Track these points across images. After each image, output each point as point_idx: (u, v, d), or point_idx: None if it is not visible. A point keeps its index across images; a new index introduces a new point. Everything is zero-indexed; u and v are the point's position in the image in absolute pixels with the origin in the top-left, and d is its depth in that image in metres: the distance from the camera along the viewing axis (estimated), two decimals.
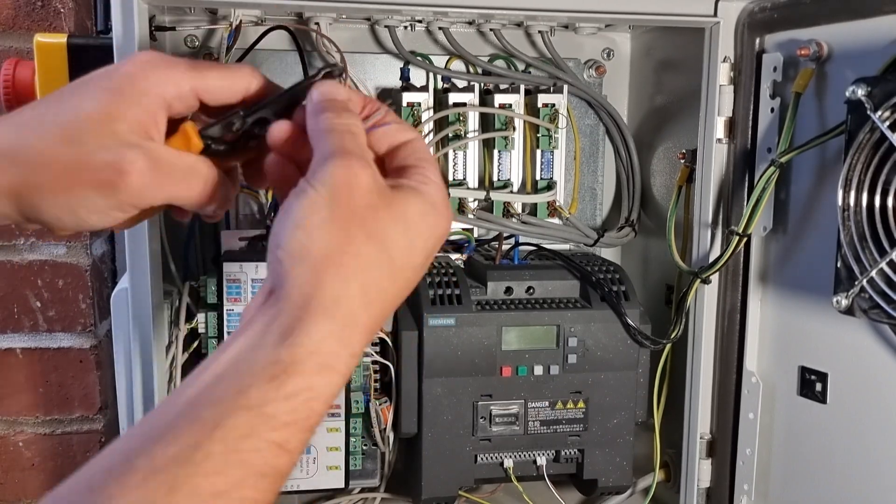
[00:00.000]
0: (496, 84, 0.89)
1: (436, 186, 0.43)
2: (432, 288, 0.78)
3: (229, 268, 0.72)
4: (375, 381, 0.80)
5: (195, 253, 0.85)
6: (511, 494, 0.86)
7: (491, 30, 0.85)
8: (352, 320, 0.38)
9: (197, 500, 0.33)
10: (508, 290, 0.80)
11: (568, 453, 0.81)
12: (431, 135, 0.85)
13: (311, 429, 0.37)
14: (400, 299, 0.42)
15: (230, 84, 0.46)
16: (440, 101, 0.86)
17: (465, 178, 0.87)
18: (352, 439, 0.76)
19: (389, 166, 0.45)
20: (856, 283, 0.58)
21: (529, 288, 0.81)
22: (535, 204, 0.88)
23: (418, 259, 0.42)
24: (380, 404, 0.79)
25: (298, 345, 0.37)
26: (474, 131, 0.87)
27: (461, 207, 0.86)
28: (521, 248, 0.87)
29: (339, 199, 0.39)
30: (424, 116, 0.84)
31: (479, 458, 0.79)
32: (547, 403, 0.79)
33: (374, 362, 0.79)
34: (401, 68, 0.88)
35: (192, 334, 0.77)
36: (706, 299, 0.77)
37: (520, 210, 0.87)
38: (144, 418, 0.37)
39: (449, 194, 0.84)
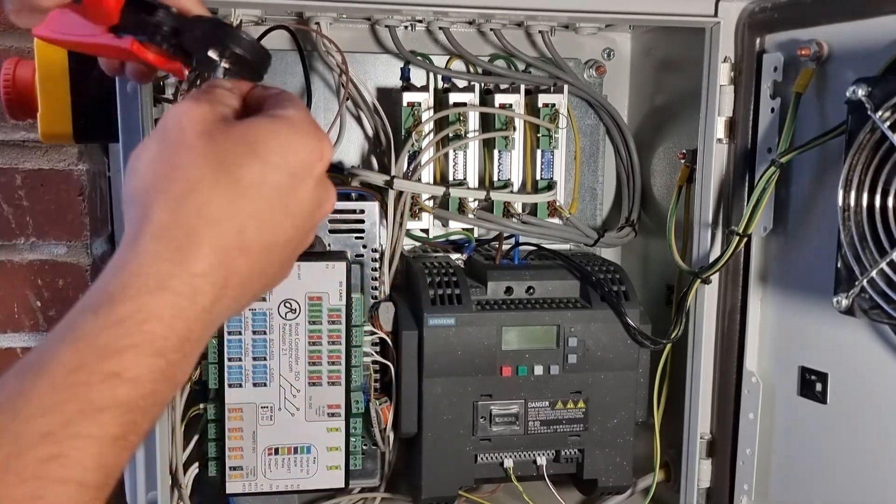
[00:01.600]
0: (496, 84, 0.89)
1: (295, 111, 0.41)
2: (432, 288, 0.78)
3: None
4: (375, 380, 0.80)
5: None
6: (511, 494, 0.86)
7: (491, 30, 0.85)
8: (188, 240, 0.36)
9: (23, 443, 0.31)
10: (508, 289, 0.80)
11: (568, 453, 0.81)
12: (431, 135, 0.85)
13: (158, 353, 0.35)
14: (271, 212, 0.39)
15: None
16: (440, 101, 0.86)
17: (465, 178, 0.87)
18: (352, 439, 0.76)
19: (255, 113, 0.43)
20: (856, 283, 0.58)
21: (529, 288, 0.81)
22: (536, 204, 0.88)
23: (277, 175, 0.39)
24: (380, 404, 0.79)
25: (123, 272, 0.36)
26: (474, 131, 0.87)
27: (461, 207, 0.86)
28: (522, 247, 0.87)
29: (167, 135, 0.39)
30: (425, 116, 0.84)
31: (479, 458, 0.79)
32: (547, 403, 0.79)
33: (374, 362, 0.79)
34: (401, 68, 0.88)
35: None
36: (706, 299, 0.77)
37: (520, 210, 0.87)
38: None
39: (449, 204, 0.84)
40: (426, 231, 0.88)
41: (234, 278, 0.38)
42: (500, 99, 0.86)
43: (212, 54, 0.44)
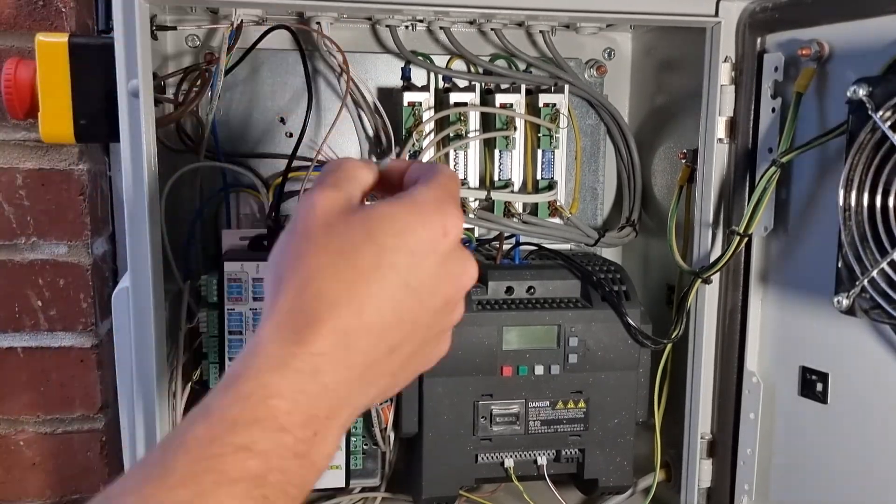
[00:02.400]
0: (497, 84, 0.89)
1: (423, 189, 0.42)
2: None
3: (230, 267, 0.72)
4: None
5: (196, 252, 0.85)
6: (511, 494, 0.86)
7: (492, 29, 0.85)
8: (307, 321, 0.38)
9: None
10: (509, 289, 0.80)
11: (568, 453, 0.81)
12: (432, 135, 0.85)
13: (282, 428, 0.36)
14: (392, 293, 0.40)
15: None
16: (441, 101, 0.86)
17: (465, 178, 0.87)
18: (352, 439, 0.76)
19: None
20: (857, 283, 0.58)
21: (530, 288, 0.81)
22: (536, 204, 0.88)
23: (394, 258, 0.40)
24: (380, 404, 0.79)
25: (250, 354, 0.38)
26: (475, 131, 0.87)
27: (462, 207, 0.86)
28: (522, 247, 0.87)
29: (295, 226, 0.41)
30: (425, 116, 0.84)
31: (479, 458, 0.80)
32: (547, 403, 0.79)
33: None
34: (402, 68, 0.88)
35: (193, 333, 0.77)
36: (707, 299, 0.77)
37: (521, 210, 0.87)
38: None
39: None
40: None
41: (358, 357, 0.39)
42: (500, 99, 0.86)
43: None
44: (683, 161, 0.81)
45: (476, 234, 0.89)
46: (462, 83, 0.88)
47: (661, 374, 0.82)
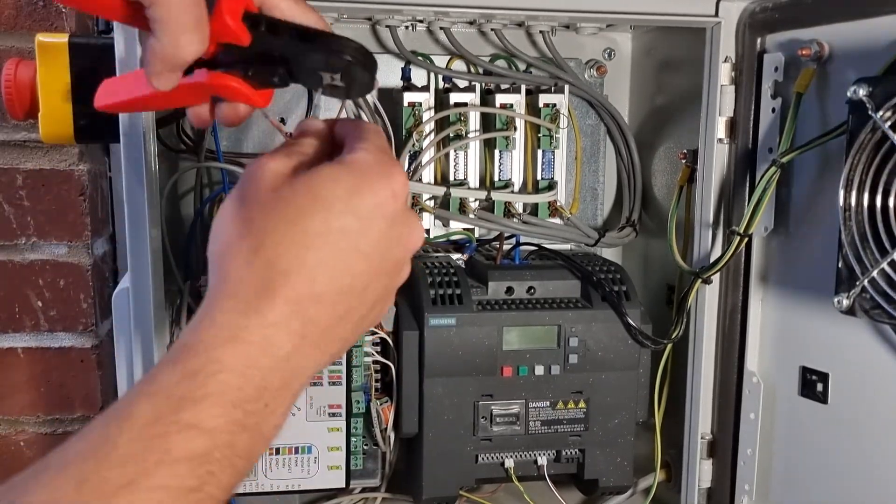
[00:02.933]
0: (497, 84, 0.89)
1: (363, 152, 0.41)
2: (433, 288, 0.78)
3: None
4: (376, 380, 0.80)
5: (196, 252, 0.85)
6: (512, 494, 0.86)
7: (492, 30, 0.85)
8: (259, 292, 0.37)
9: (105, 490, 0.32)
10: (509, 289, 0.80)
11: (569, 453, 0.81)
12: (432, 135, 0.85)
13: (232, 404, 0.35)
14: (342, 257, 0.39)
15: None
16: (441, 101, 0.86)
17: (466, 178, 0.87)
18: (353, 439, 0.76)
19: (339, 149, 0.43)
20: (857, 283, 0.58)
21: (530, 288, 0.81)
22: (537, 204, 0.88)
23: (342, 222, 0.39)
24: (381, 404, 0.79)
25: (199, 327, 0.37)
26: (475, 131, 0.87)
27: (462, 207, 0.86)
28: (522, 247, 0.87)
29: (243, 194, 0.40)
30: (425, 116, 0.84)
31: (479, 458, 0.79)
32: (548, 403, 0.79)
33: (375, 362, 0.79)
34: (402, 68, 0.88)
35: None
36: (707, 299, 0.77)
37: (521, 210, 0.87)
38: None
39: (449, 204, 0.84)
40: (427, 231, 0.88)
41: (312, 327, 0.38)
42: (500, 99, 0.86)
43: (324, 75, 0.42)
44: (683, 161, 0.80)
45: (476, 234, 0.89)
46: (462, 83, 0.88)
47: (661, 374, 0.82)
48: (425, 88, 0.86)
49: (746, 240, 0.71)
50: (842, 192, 0.59)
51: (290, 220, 0.38)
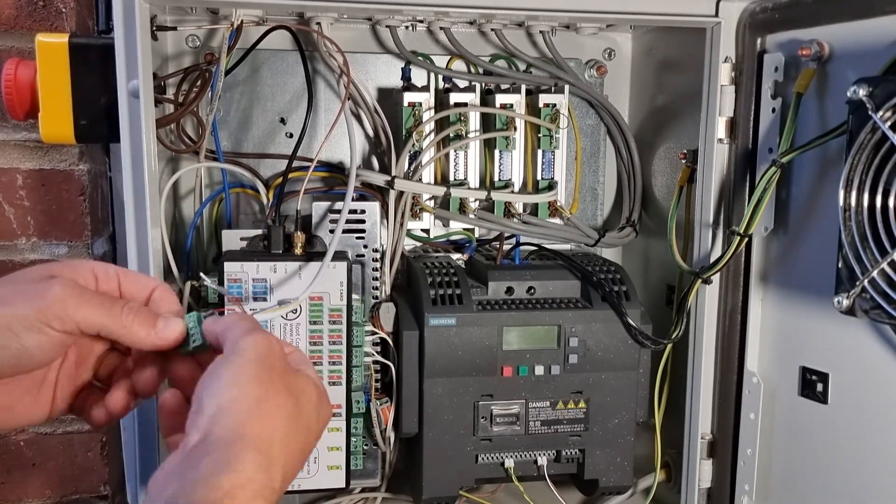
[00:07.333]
0: (497, 84, 0.89)
1: (309, 373, 0.50)
2: (433, 288, 0.78)
3: (230, 267, 0.72)
4: (376, 380, 0.80)
5: (196, 252, 0.85)
6: (512, 494, 0.86)
7: (492, 30, 0.85)
8: (275, 459, 0.43)
9: None
10: (509, 290, 0.80)
11: (569, 453, 0.81)
12: (432, 135, 0.85)
13: None
14: (305, 453, 0.47)
15: (142, 277, 0.54)
16: (441, 101, 0.86)
17: (466, 178, 0.87)
18: (353, 439, 0.76)
19: None
20: (857, 283, 0.58)
21: (530, 288, 0.81)
22: (537, 204, 0.88)
23: (314, 423, 0.48)
24: (381, 404, 0.79)
25: (236, 472, 0.40)
26: (475, 131, 0.87)
27: (462, 207, 0.86)
28: (522, 248, 0.87)
29: (263, 361, 0.46)
30: (425, 116, 0.84)
31: (479, 458, 0.80)
32: (548, 403, 0.79)
33: (375, 362, 0.79)
34: (402, 68, 0.88)
35: None
36: (707, 299, 0.77)
37: (521, 210, 0.87)
38: None
39: (449, 204, 0.84)
40: (427, 231, 0.88)
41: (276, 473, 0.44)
42: (500, 99, 0.86)
43: None
44: (683, 161, 0.81)
45: (476, 235, 0.89)
46: (462, 83, 0.88)
47: (661, 374, 0.82)
48: (425, 88, 0.86)
49: (746, 240, 0.71)
50: (842, 193, 0.59)
51: (296, 401, 0.46)
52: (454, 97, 0.85)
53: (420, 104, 0.84)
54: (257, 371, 0.45)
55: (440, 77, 0.88)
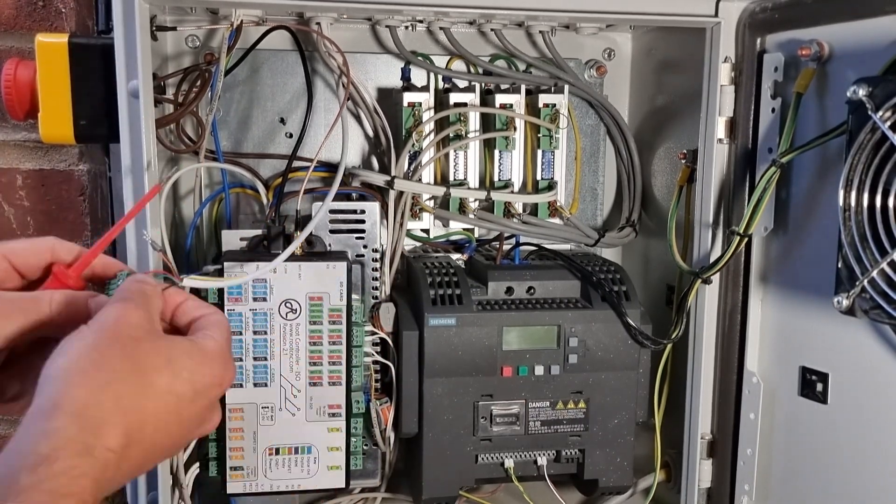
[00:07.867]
0: (497, 84, 0.89)
1: (213, 342, 0.51)
2: (433, 288, 0.78)
3: (230, 268, 0.72)
4: (376, 381, 0.80)
5: (196, 252, 0.85)
6: (512, 494, 0.86)
7: (492, 30, 0.86)
8: (102, 420, 0.43)
9: None
10: (509, 290, 0.80)
11: (569, 453, 0.81)
12: (432, 135, 0.85)
13: (94, 502, 0.41)
14: (168, 417, 0.47)
15: (31, 246, 0.54)
16: (441, 101, 0.86)
17: (465, 178, 0.87)
18: (352, 439, 0.76)
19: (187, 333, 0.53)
20: (857, 283, 0.58)
21: (530, 288, 0.81)
22: (536, 204, 0.88)
23: (182, 388, 0.47)
24: (380, 404, 0.79)
25: (50, 437, 0.41)
26: (475, 131, 0.87)
27: (462, 207, 0.86)
28: (522, 248, 0.87)
29: (104, 330, 0.46)
30: (425, 116, 0.84)
31: (479, 458, 0.80)
32: (548, 403, 0.79)
33: (375, 362, 0.79)
34: (402, 68, 0.88)
35: None
36: (707, 299, 0.77)
37: (521, 210, 0.87)
38: None
39: (449, 204, 0.84)
40: (427, 231, 0.88)
41: (125, 463, 0.44)
42: (500, 99, 0.86)
43: None
44: (683, 161, 0.81)
45: (476, 235, 0.89)
46: (462, 83, 0.88)
47: (661, 374, 0.82)
48: (425, 88, 0.86)
49: (746, 240, 0.71)
50: (841, 193, 0.59)
51: (142, 370, 0.46)
52: (454, 97, 0.85)
53: (420, 104, 0.84)
54: (95, 339, 0.46)
55: (440, 77, 0.88)
